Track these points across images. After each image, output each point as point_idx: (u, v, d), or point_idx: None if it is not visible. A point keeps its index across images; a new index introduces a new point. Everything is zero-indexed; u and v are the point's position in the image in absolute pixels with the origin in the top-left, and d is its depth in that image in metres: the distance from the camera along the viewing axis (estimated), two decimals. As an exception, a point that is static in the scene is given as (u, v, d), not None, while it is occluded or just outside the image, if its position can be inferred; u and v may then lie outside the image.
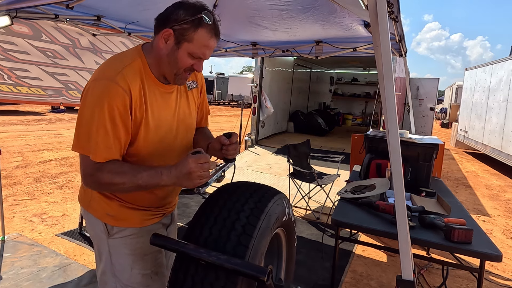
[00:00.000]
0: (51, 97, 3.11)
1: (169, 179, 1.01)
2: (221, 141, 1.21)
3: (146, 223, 1.21)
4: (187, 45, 1.05)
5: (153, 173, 1.02)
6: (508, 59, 7.29)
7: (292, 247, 1.43)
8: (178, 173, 1.00)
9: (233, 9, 2.70)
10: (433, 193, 2.41)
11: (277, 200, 1.15)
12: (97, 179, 1.02)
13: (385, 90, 1.19)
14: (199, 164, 0.99)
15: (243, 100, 12.41)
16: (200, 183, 1.02)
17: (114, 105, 1.00)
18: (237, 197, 1.11)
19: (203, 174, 1.00)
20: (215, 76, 24.17)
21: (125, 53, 1.13)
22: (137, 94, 1.05)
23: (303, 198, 4.03)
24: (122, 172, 1.02)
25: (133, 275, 1.19)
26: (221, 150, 1.23)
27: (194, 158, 0.99)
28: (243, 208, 1.06)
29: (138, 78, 1.06)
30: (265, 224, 1.05)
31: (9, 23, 2.32)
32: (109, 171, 1.01)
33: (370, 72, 13.28)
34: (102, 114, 0.99)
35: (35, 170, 5.28)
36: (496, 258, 1.58)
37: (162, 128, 1.15)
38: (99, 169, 1.01)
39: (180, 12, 1.04)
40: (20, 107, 14.04)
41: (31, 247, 2.83)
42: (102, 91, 1.00)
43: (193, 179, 0.99)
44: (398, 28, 2.73)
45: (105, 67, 1.07)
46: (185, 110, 1.25)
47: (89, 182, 1.05)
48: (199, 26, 1.03)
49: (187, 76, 1.13)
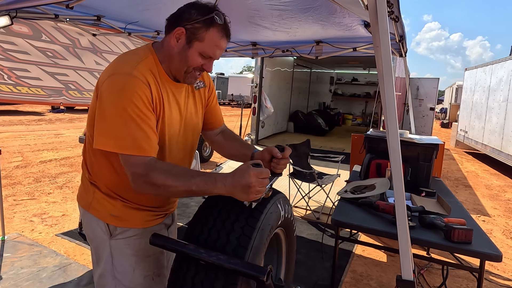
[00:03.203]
0: (51, 97, 3.11)
1: (223, 187, 0.94)
2: (274, 153, 1.17)
3: (149, 224, 1.20)
4: (198, 44, 1.05)
5: (207, 179, 0.95)
6: (508, 59, 7.29)
7: (292, 247, 1.43)
8: (236, 183, 0.93)
9: (233, 9, 2.69)
10: (433, 193, 2.41)
11: (269, 208, 1.09)
12: (150, 180, 0.95)
13: (385, 90, 1.19)
14: (260, 179, 0.93)
15: (243, 100, 12.41)
16: (255, 198, 0.96)
17: (139, 96, 0.98)
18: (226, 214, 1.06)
19: (261, 190, 0.94)
20: (215, 76, 24.17)
21: (137, 50, 1.12)
22: (154, 88, 1.04)
23: (303, 198, 4.03)
24: (175, 174, 0.96)
25: (135, 276, 1.17)
26: (270, 161, 1.18)
27: (256, 171, 0.92)
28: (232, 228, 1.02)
29: (152, 74, 1.06)
30: (257, 242, 1.01)
31: (9, 23, 2.32)
32: (163, 172, 0.96)
33: (370, 72, 13.28)
34: (130, 106, 0.96)
35: (35, 170, 5.28)
36: (496, 258, 1.58)
37: (172, 127, 1.14)
38: (152, 168, 0.96)
39: (192, 11, 1.05)
40: (20, 107, 14.04)
41: (31, 247, 2.83)
42: (124, 85, 0.98)
43: (250, 193, 0.93)
44: (398, 28, 2.72)
45: (119, 63, 1.05)
46: (192, 109, 1.24)
47: (140, 183, 0.97)
48: (210, 26, 1.04)
49: (197, 76, 1.13)
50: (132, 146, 0.97)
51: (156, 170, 0.96)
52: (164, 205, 1.25)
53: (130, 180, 0.99)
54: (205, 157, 6.24)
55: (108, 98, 0.99)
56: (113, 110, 0.97)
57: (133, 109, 0.97)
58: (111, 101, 0.98)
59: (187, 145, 1.25)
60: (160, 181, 0.95)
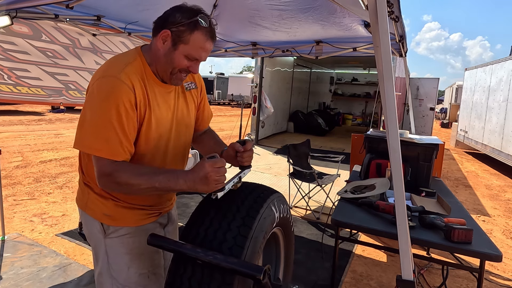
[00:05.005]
0: (51, 97, 3.11)
1: (185, 182, 1.00)
2: (236, 148, 1.22)
3: (142, 222, 1.22)
4: (183, 47, 1.08)
5: (170, 176, 1.01)
6: (508, 59, 7.29)
7: (290, 246, 1.42)
8: (195, 177, 0.99)
9: (233, 9, 2.70)
10: (433, 193, 2.41)
11: (262, 214, 1.08)
12: (114, 179, 1.01)
13: (385, 90, 1.19)
14: (216, 168, 0.98)
15: (243, 100, 12.41)
16: (216, 188, 1.00)
17: (121, 101, 1.01)
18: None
19: (219, 179, 0.99)
20: (215, 76, 24.16)
21: (126, 53, 1.15)
22: (140, 91, 1.07)
23: (303, 198, 4.03)
24: (139, 173, 1.01)
25: (130, 274, 1.19)
26: (236, 157, 1.24)
27: (210, 162, 0.98)
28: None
29: (140, 76, 1.08)
30: (250, 250, 1.01)
31: (9, 23, 2.32)
32: (127, 171, 1.01)
33: (370, 72, 13.29)
34: (110, 111, 1.00)
35: (35, 170, 5.28)
36: (496, 258, 1.58)
37: (162, 126, 1.16)
38: (118, 169, 1.01)
39: (177, 15, 1.07)
40: (20, 107, 14.04)
41: (31, 247, 2.83)
42: (108, 89, 1.01)
43: (209, 184, 0.98)
44: (398, 28, 2.73)
45: (107, 66, 1.08)
46: (183, 110, 1.26)
47: (105, 182, 1.04)
48: (195, 29, 1.06)
49: (182, 77, 1.16)
50: (103, 148, 1.01)
51: (121, 170, 1.01)
52: (157, 204, 1.27)
53: (96, 178, 1.04)
54: (205, 157, 6.24)
55: (91, 101, 1.03)
56: (92, 112, 1.02)
57: (112, 113, 1.00)
58: (93, 104, 1.02)
59: (180, 144, 1.28)
60: (124, 180, 1.00)
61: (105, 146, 1.00)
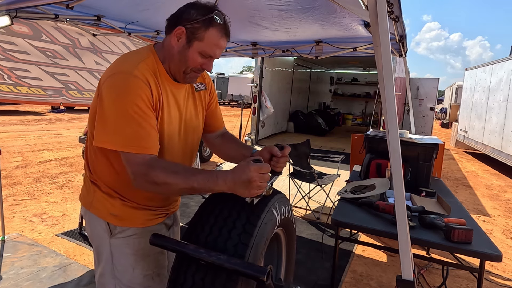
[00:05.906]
0: (51, 97, 3.11)
1: (225, 183, 0.94)
2: (274, 152, 1.16)
3: (149, 223, 1.20)
4: (198, 44, 1.06)
5: (208, 176, 0.95)
6: (508, 59, 7.29)
7: (292, 246, 1.42)
8: (237, 179, 0.93)
9: (233, 9, 2.69)
10: (433, 193, 2.41)
11: (263, 219, 1.05)
12: (151, 179, 0.96)
13: (385, 90, 1.19)
14: (261, 174, 0.93)
15: (243, 100, 12.40)
16: (257, 194, 0.95)
17: (139, 96, 0.99)
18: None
19: (262, 185, 0.94)
20: (215, 76, 24.16)
21: (138, 50, 1.14)
22: (154, 88, 1.05)
23: (303, 198, 4.03)
24: (176, 171, 0.96)
25: (135, 275, 1.17)
26: (270, 161, 1.17)
27: (256, 166, 0.92)
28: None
29: (153, 73, 1.07)
30: (252, 255, 0.99)
31: (9, 23, 2.32)
32: (163, 169, 0.96)
33: (370, 72, 13.29)
34: (132, 105, 0.97)
35: (35, 170, 5.28)
36: (496, 258, 1.58)
37: (171, 126, 1.15)
38: (152, 166, 0.96)
39: (192, 11, 1.06)
40: (20, 107, 14.04)
41: (31, 247, 2.83)
42: (125, 84, 0.99)
43: (251, 188, 0.93)
44: (398, 28, 2.73)
45: (120, 63, 1.06)
46: (192, 111, 1.25)
47: (141, 182, 0.98)
48: (210, 26, 1.05)
49: (196, 75, 1.14)
50: (132, 144, 0.98)
51: (157, 168, 0.96)
52: (165, 205, 1.25)
53: (132, 179, 0.99)
54: (205, 157, 6.25)
55: (108, 97, 0.99)
56: (113, 108, 0.98)
57: (134, 107, 0.98)
58: (112, 100, 0.99)
59: (187, 145, 1.25)
60: (161, 179, 0.95)
61: (133, 141, 0.97)
